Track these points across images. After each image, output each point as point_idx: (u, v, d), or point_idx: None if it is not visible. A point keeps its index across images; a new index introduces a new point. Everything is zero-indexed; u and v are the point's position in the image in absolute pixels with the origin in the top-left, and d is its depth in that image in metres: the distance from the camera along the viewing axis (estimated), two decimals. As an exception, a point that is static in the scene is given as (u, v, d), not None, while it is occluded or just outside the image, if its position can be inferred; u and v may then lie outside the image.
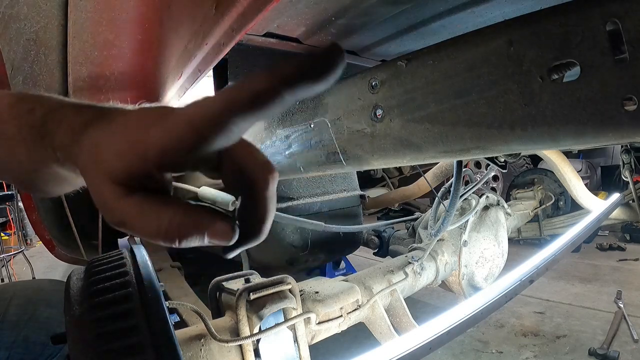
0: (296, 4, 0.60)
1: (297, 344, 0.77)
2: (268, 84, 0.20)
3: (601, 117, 0.38)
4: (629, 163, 1.99)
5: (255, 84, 0.21)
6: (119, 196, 0.24)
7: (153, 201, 0.24)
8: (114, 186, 0.24)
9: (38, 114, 0.29)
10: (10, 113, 0.31)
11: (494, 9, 0.63)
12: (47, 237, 1.50)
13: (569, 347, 1.64)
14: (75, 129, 0.27)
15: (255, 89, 0.21)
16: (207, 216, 0.25)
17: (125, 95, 0.95)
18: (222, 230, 0.25)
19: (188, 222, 0.24)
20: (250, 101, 0.21)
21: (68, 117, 0.28)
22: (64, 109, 0.29)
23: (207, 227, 0.24)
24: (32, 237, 4.68)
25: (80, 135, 0.26)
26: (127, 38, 0.79)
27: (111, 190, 0.24)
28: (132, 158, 0.24)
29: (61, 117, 0.28)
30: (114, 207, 0.24)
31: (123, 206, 0.24)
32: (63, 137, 0.27)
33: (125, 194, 0.24)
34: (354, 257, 2.33)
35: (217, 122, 0.22)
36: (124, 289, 0.42)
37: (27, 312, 0.73)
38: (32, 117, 0.29)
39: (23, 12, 0.71)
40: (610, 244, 3.06)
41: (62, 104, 0.30)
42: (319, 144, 0.72)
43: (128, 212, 0.24)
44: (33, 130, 0.29)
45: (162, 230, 0.23)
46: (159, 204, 0.24)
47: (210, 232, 0.24)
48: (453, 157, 0.56)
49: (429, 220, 1.30)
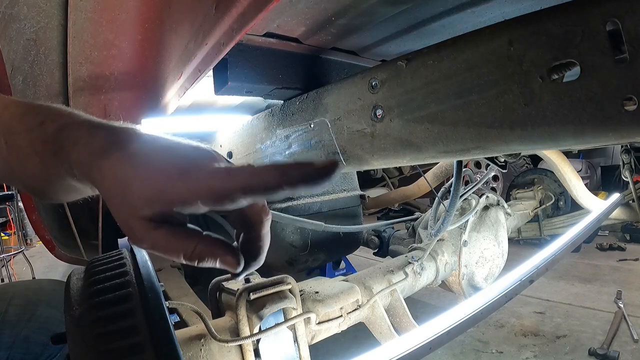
0: (296, 4, 0.60)
1: (297, 344, 0.77)
2: (277, 182, 0.27)
3: (601, 117, 0.38)
4: (629, 163, 1.99)
5: (268, 179, 0.27)
6: (148, 229, 0.29)
7: (178, 233, 0.30)
8: (142, 221, 0.29)
9: (50, 129, 0.31)
10: (20, 124, 0.32)
11: (494, 9, 0.63)
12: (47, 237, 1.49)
13: (569, 347, 1.64)
14: (93, 153, 0.30)
15: (267, 184, 0.27)
16: (222, 248, 0.31)
17: (125, 95, 0.95)
18: (231, 261, 0.31)
19: (207, 251, 0.30)
20: (260, 190, 0.27)
21: (84, 138, 0.31)
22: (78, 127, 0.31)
23: (220, 256, 0.30)
24: (32, 237, 4.68)
25: (99, 161, 0.29)
26: (127, 38, 0.79)
27: (140, 225, 0.29)
28: (158, 205, 0.28)
29: (76, 137, 0.31)
30: (144, 237, 0.29)
31: (152, 237, 0.29)
32: (80, 157, 0.30)
33: (153, 227, 0.29)
34: (354, 257, 2.33)
35: (232, 198, 0.28)
36: (124, 289, 0.42)
37: (27, 312, 0.73)
38: (44, 131, 0.31)
39: (23, 12, 0.71)
40: (610, 244, 3.06)
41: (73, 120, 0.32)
42: (319, 144, 0.72)
43: (157, 241, 0.29)
44: (46, 145, 0.31)
45: (187, 255, 0.29)
46: (183, 235, 0.30)
47: (222, 261, 0.30)
48: (453, 157, 0.56)
49: (429, 220, 1.30)
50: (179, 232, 0.30)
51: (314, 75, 0.80)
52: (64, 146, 0.31)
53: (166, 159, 0.30)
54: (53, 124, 0.32)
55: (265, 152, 0.87)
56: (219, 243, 0.31)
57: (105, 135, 0.31)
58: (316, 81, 0.79)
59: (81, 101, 0.91)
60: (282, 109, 0.81)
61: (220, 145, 1.05)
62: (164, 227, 0.29)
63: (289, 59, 0.77)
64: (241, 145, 0.96)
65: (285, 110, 0.80)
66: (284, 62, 0.76)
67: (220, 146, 1.05)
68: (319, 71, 0.81)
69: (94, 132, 0.31)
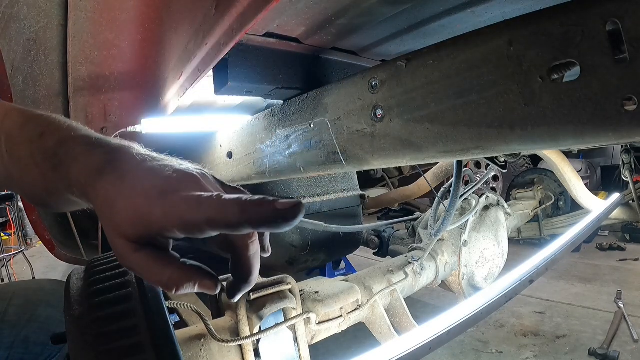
0: (296, 4, 0.60)
1: (297, 344, 0.77)
2: (237, 220, 0.27)
3: (601, 117, 0.38)
4: (629, 163, 1.99)
5: (229, 216, 0.27)
6: (130, 251, 0.30)
7: (158, 258, 0.30)
8: (126, 242, 0.30)
9: (49, 142, 0.33)
10: (21, 134, 0.34)
11: (494, 9, 0.63)
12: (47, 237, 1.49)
13: (569, 347, 1.64)
14: (90, 172, 0.31)
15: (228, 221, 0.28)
16: (198, 274, 0.31)
17: (125, 95, 0.95)
18: (208, 284, 0.32)
19: (184, 277, 0.30)
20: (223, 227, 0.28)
21: (82, 155, 0.32)
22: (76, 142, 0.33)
23: (197, 281, 0.31)
24: (32, 237, 4.68)
25: (94, 180, 0.31)
26: (127, 38, 0.79)
27: (124, 245, 0.30)
28: (139, 227, 0.29)
29: (75, 154, 0.32)
30: (126, 257, 0.30)
31: (134, 258, 0.30)
32: (78, 175, 0.31)
33: (135, 249, 0.30)
34: (354, 257, 2.33)
35: (198, 229, 0.29)
36: (124, 289, 0.42)
37: (27, 312, 0.73)
38: (44, 144, 0.33)
39: (23, 12, 0.71)
40: (610, 244, 3.07)
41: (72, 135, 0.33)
42: (319, 144, 0.72)
43: (138, 263, 0.30)
44: (46, 158, 0.32)
45: (165, 282, 0.30)
46: (162, 261, 0.30)
47: (200, 285, 0.31)
48: (453, 157, 0.56)
49: (429, 220, 1.30)
50: (159, 257, 0.30)
51: (314, 75, 0.80)
52: (63, 162, 0.32)
53: (150, 181, 0.30)
54: (53, 136, 0.33)
55: (265, 152, 0.87)
56: (195, 269, 0.32)
57: (101, 154, 0.32)
58: (316, 81, 0.79)
59: (81, 101, 0.91)
60: (282, 109, 0.81)
61: (220, 145, 1.05)
62: (145, 251, 0.30)
63: (289, 59, 0.77)
64: (241, 145, 0.96)
65: (285, 110, 0.80)
66: (284, 62, 0.76)
67: (220, 146, 1.05)
68: (319, 71, 0.81)
69: (91, 151, 0.32)
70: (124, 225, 0.30)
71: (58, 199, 0.34)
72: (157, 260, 0.30)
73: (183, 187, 0.30)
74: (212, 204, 0.28)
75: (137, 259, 0.30)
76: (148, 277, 0.30)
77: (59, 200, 0.34)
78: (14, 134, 0.34)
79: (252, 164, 0.91)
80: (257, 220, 0.27)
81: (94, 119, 0.95)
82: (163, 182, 0.30)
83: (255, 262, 0.34)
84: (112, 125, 0.97)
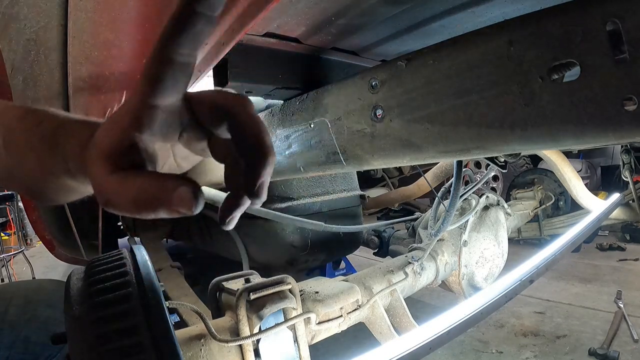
0: (296, 4, 0.60)
1: (297, 344, 0.77)
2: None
3: (601, 117, 0.38)
4: (629, 163, 1.99)
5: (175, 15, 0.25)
6: (106, 173, 0.26)
7: (129, 174, 0.25)
8: (104, 163, 0.26)
9: (47, 127, 0.32)
10: (20, 124, 0.34)
11: (494, 9, 0.63)
12: (47, 237, 1.50)
13: (569, 347, 1.64)
14: (83, 143, 0.30)
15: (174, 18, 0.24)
16: (172, 181, 0.24)
17: (126, 95, 0.95)
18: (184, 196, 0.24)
19: (155, 189, 0.24)
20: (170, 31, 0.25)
21: (77, 130, 0.31)
22: (72, 123, 0.33)
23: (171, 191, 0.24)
24: (32, 237, 4.69)
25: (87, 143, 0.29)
26: (127, 38, 0.79)
27: (101, 168, 0.26)
28: (115, 131, 0.26)
29: (71, 131, 0.32)
30: (102, 185, 0.26)
31: (108, 182, 0.26)
32: (74, 147, 0.30)
33: (112, 171, 0.26)
34: (354, 257, 2.33)
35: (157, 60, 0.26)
36: (124, 289, 0.42)
37: (27, 312, 0.73)
38: (42, 129, 0.32)
39: (23, 12, 0.71)
40: (610, 244, 3.07)
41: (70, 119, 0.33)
42: (319, 144, 0.72)
43: (110, 187, 0.26)
44: (43, 140, 0.32)
45: (132, 200, 0.24)
46: (132, 175, 0.25)
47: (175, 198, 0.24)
48: (453, 157, 0.56)
49: (429, 220, 1.30)
50: (131, 173, 0.26)
51: (314, 75, 0.80)
52: (59, 141, 0.31)
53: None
54: (51, 123, 0.33)
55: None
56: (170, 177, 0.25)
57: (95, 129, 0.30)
58: (316, 81, 0.79)
59: (81, 101, 0.91)
60: (282, 109, 0.81)
61: (220, 145, 1.05)
62: (119, 173, 0.26)
63: (289, 59, 0.77)
64: (241, 145, 0.96)
65: (285, 110, 0.80)
66: (284, 62, 0.76)
67: (220, 146, 1.05)
68: (319, 71, 0.81)
69: (86, 126, 0.31)
70: (101, 139, 0.27)
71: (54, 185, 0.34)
72: (128, 176, 0.25)
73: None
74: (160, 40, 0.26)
75: (110, 181, 0.25)
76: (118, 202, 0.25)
77: (56, 186, 0.34)
78: (13, 125, 0.34)
79: (252, 164, 0.91)
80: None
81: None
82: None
83: (261, 124, 0.27)
84: (112, 125, 0.97)
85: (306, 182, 1.49)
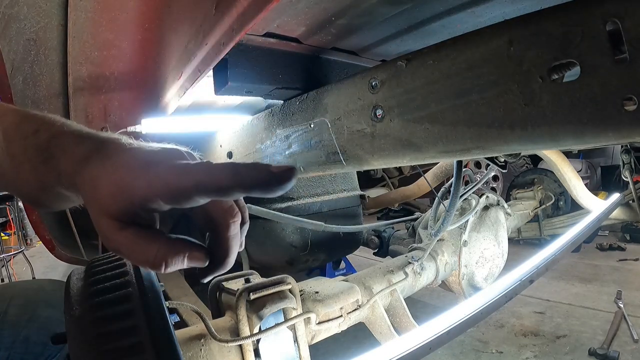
0: (296, 4, 0.60)
1: (297, 344, 0.77)
2: (229, 183, 0.26)
3: (601, 117, 0.38)
4: (629, 163, 1.99)
5: (220, 179, 0.26)
6: (114, 230, 0.29)
7: (142, 236, 0.29)
8: (110, 221, 0.29)
9: (43, 137, 0.33)
10: (16, 132, 0.34)
11: (494, 9, 0.63)
12: (47, 237, 1.49)
13: (569, 347, 1.64)
14: (76, 160, 0.31)
15: (219, 184, 0.26)
16: (186, 245, 0.30)
17: (125, 95, 0.95)
18: (197, 257, 0.30)
19: (171, 252, 0.29)
20: (212, 189, 0.27)
21: (71, 146, 0.32)
22: (67, 136, 0.33)
23: (185, 254, 0.30)
24: (32, 237, 4.68)
25: (81, 167, 0.30)
26: (127, 38, 0.79)
27: (108, 224, 0.29)
28: (121, 201, 0.28)
29: (64, 145, 0.32)
30: (110, 238, 0.29)
31: (118, 238, 0.29)
32: (67, 165, 0.31)
33: (120, 227, 0.29)
34: (354, 257, 2.33)
35: (186, 195, 0.27)
36: (124, 289, 0.42)
37: (27, 312, 0.73)
38: (38, 139, 0.33)
39: (23, 12, 0.71)
40: (610, 244, 3.06)
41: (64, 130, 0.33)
42: (319, 144, 0.72)
43: (122, 243, 0.29)
44: (38, 152, 0.32)
45: (151, 260, 0.28)
46: (147, 238, 0.29)
47: (189, 258, 0.30)
48: (453, 157, 0.56)
49: (429, 220, 1.30)
50: (143, 234, 0.29)
51: (314, 75, 0.80)
52: (54, 154, 0.32)
53: (134, 156, 0.30)
54: (46, 132, 0.33)
55: (265, 152, 0.86)
56: (182, 241, 0.30)
57: (89, 145, 0.31)
58: (316, 81, 0.79)
59: (81, 101, 0.91)
60: (282, 109, 0.81)
61: (220, 145, 1.05)
62: (130, 229, 0.29)
63: (289, 59, 0.77)
64: (241, 145, 0.96)
65: (285, 110, 0.80)
66: (284, 62, 0.76)
67: (220, 146, 1.05)
68: (319, 71, 0.81)
69: (80, 142, 0.32)
70: (107, 200, 0.29)
71: (50, 194, 0.34)
72: (142, 237, 0.29)
73: (165, 160, 0.30)
74: (201, 169, 0.27)
75: (121, 238, 0.29)
76: (134, 257, 0.29)
77: (51, 195, 0.34)
78: (10, 132, 0.34)
79: (252, 164, 0.91)
80: (250, 183, 0.26)
81: (94, 119, 0.95)
82: (146, 154, 0.30)
83: (234, 244, 0.33)
84: (112, 125, 0.97)
85: (306, 182, 1.49)
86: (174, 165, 0.29)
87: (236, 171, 0.26)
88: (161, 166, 0.29)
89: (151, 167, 0.29)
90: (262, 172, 0.26)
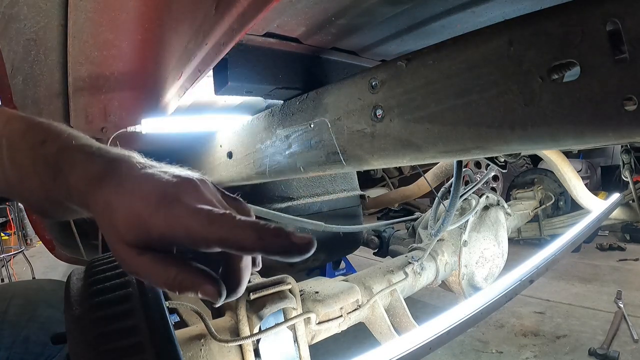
0: (296, 4, 0.60)
1: (297, 344, 0.77)
2: (251, 246, 0.27)
3: (601, 117, 0.38)
4: (629, 163, 1.99)
5: (244, 240, 0.27)
6: (132, 256, 0.30)
7: (160, 261, 0.30)
8: (127, 247, 0.30)
9: (51, 149, 0.33)
10: (22, 141, 0.34)
11: (494, 9, 0.63)
12: (47, 237, 1.49)
13: (569, 347, 1.64)
14: (89, 180, 0.31)
15: (242, 244, 0.28)
16: (202, 278, 0.30)
17: (125, 95, 0.95)
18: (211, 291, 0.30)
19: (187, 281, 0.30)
20: (235, 249, 0.28)
21: (81, 163, 0.32)
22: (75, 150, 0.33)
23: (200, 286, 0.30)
24: (32, 237, 4.68)
25: (93, 188, 0.31)
26: (127, 38, 0.79)
27: (125, 250, 0.30)
28: (139, 233, 0.29)
29: (74, 162, 0.32)
30: (128, 262, 0.30)
31: (136, 262, 0.30)
32: (77, 182, 0.32)
33: (137, 253, 0.30)
34: (354, 257, 2.33)
35: (206, 245, 0.29)
36: (124, 288, 0.42)
37: (27, 312, 0.73)
38: (45, 151, 0.33)
39: (23, 12, 0.71)
40: (610, 244, 3.07)
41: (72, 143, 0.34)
42: (319, 144, 0.72)
43: (141, 267, 0.30)
44: (47, 167, 0.33)
45: (168, 284, 0.30)
46: (165, 263, 0.30)
47: (202, 291, 0.30)
48: (453, 157, 0.56)
49: (429, 220, 1.30)
50: (162, 259, 0.30)
51: (314, 75, 0.80)
52: (63, 170, 0.32)
53: (149, 186, 0.31)
54: (53, 144, 0.33)
55: (265, 152, 0.87)
56: (200, 272, 0.31)
57: (100, 163, 0.32)
58: (316, 81, 0.79)
59: (81, 101, 0.91)
60: (282, 109, 0.81)
61: (220, 145, 1.05)
62: (148, 254, 0.30)
63: (289, 59, 0.77)
64: (241, 145, 0.96)
65: (285, 110, 0.80)
66: (284, 62, 0.76)
67: (220, 146, 1.05)
68: (319, 71, 0.81)
69: (91, 159, 0.32)
70: (125, 230, 0.30)
71: (58, 208, 0.34)
72: (161, 262, 0.30)
73: (182, 193, 0.30)
74: (226, 224, 0.28)
75: (140, 262, 0.30)
76: (153, 279, 0.30)
77: (59, 208, 0.34)
78: (16, 140, 0.34)
79: (252, 164, 0.91)
80: (272, 250, 0.27)
81: (94, 119, 0.95)
82: (162, 186, 0.31)
83: (245, 274, 0.34)
84: (112, 125, 0.97)
85: (306, 182, 1.49)
86: (196, 212, 0.29)
87: (260, 235, 0.27)
88: (181, 208, 0.29)
89: (171, 205, 0.29)
90: (285, 241, 0.27)
